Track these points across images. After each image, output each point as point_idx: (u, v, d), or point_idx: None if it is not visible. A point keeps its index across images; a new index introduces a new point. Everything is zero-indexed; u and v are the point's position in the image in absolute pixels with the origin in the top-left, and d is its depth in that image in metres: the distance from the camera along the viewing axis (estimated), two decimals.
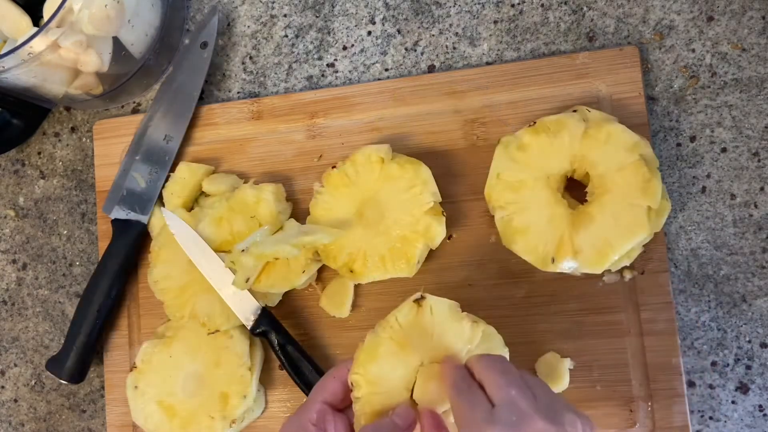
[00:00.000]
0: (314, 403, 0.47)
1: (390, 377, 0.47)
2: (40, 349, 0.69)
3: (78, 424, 0.67)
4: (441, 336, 0.47)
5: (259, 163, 0.64)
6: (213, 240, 0.60)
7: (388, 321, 0.48)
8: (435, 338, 0.47)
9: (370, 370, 0.47)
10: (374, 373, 0.47)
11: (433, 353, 0.47)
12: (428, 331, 0.47)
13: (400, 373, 0.47)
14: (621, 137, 0.53)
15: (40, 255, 0.70)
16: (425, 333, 0.47)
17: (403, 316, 0.48)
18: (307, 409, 0.47)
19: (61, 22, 0.54)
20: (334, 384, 0.48)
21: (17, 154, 0.72)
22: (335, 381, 0.48)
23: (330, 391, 0.48)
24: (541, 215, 0.54)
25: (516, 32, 0.62)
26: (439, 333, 0.47)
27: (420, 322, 0.48)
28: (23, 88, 0.60)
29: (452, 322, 0.48)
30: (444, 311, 0.48)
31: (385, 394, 0.47)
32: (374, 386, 0.47)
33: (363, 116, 0.62)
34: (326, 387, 0.48)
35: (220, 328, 0.59)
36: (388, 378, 0.47)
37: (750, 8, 0.58)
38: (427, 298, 0.48)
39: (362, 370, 0.47)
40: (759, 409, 0.56)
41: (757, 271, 0.56)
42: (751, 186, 0.57)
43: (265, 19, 0.67)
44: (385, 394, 0.47)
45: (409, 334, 0.47)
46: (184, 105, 0.65)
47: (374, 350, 0.47)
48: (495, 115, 0.60)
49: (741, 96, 0.57)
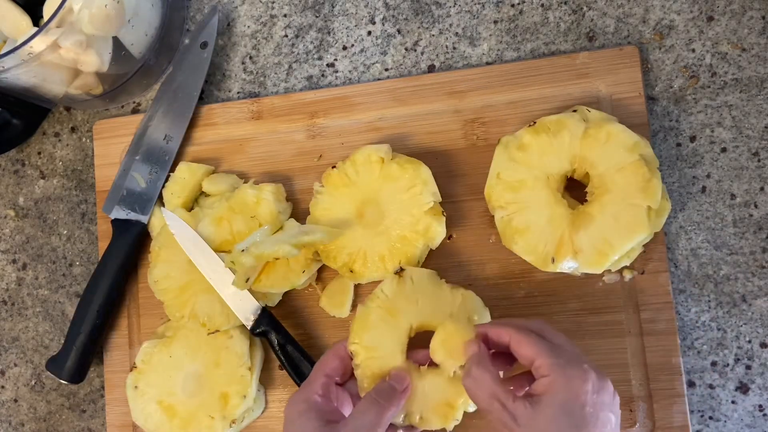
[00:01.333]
0: (318, 377, 0.51)
1: (383, 342, 0.52)
2: (40, 349, 0.69)
3: (78, 424, 0.67)
4: (424, 301, 0.53)
5: (259, 163, 0.64)
6: (213, 240, 0.60)
7: (375, 293, 0.54)
8: (419, 303, 0.53)
9: (364, 338, 0.52)
10: (369, 340, 0.52)
11: (419, 317, 0.53)
12: (412, 298, 0.53)
13: (392, 337, 0.52)
14: (621, 137, 0.53)
15: (40, 255, 0.70)
16: (410, 300, 0.53)
17: (388, 287, 0.54)
18: (312, 384, 0.51)
19: (61, 22, 0.54)
20: (334, 360, 0.52)
21: (17, 154, 0.72)
22: (334, 358, 0.52)
23: (331, 366, 0.52)
24: (541, 215, 0.54)
25: (516, 32, 0.62)
26: (423, 299, 0.53)
27: (403, 290, 0.53)
28: (23, 88, 0.60)
29: (433, 288, 0.54)
30: (423, 279, 0.54)
31: (381, 358, 0.52)
32: (371, 352, 0.52)
33: (363, 116, 0.62)
34: (327, 363, 0.52)
35: (220, 328, 0.59)
36: (381, 343, 0.52)
37: (750, 8, 0.58)
38: (406, 269, 0.54)
39: (358, 338, 0.52)
40: (759, 409, 0.56)
41: (757, 271, 0.56)
42: (751, 186, 0.57)
43: (265, 19, 0.67)
44: (381, 358, 0.52)
45: (396, 302, 0.53)
46: (184, 105, 0.65)
47: (366, 320, 0.53)
48: (495, 115, 0.60)
49: (741, 96, 0.57)
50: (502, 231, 0.55)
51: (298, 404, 0.49)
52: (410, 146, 0.61)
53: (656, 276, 0.56)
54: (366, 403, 0.48)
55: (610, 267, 0.53)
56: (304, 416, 0.49)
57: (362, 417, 0.48)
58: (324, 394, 0.50)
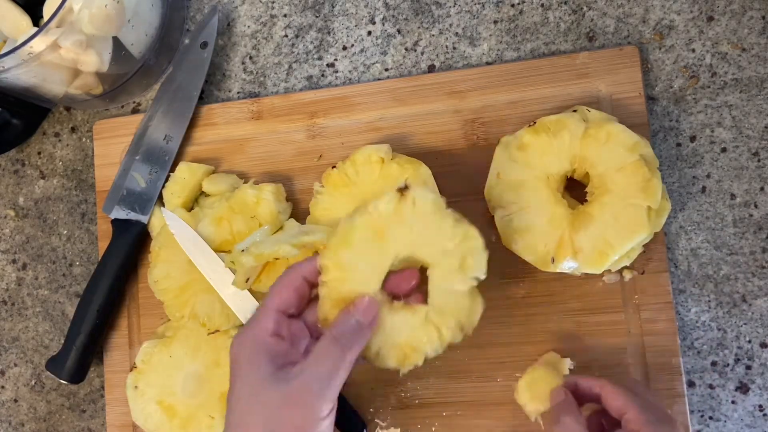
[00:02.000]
0: (268, 313, 0.44)
1: (361, 266, 0.46)
2: (40, 349, 0.69)
3: (78, 424, 0.67)
4: (420, 230, 0.46)
5: (259, 163, 0.64)
6: (213, 240, 0.60)
7: (366, 208, 0.46)
8: (414, 232, 0.46)
9: (342, 256, 0.46)
10: (346, 259, 0.46)
11: (410, 247, 0.46)
12: (408, 224, 0.46)
13: (372, 261, 0.46)
14: (621, 137, 0.52)
15: (40, 255, 0.70)
16: (405, 225, 0.46)
17: (384, 205, 0.46)
18: (261, 320, 0.44)
19: (61, 22, 0.54)
20: (287, 292, 0.45)
21: (17, 154, 0.72)
22: (288, 289, 0.46)
23: (284, 299, 0.45)
24: (541, 215, 0.54)
25: (516, 32, 0.62)
26: (420, 227, 0.46)
27: (401, 212, 0.46)
28: (23, 88, 0.60)
29: (435, 217, 0.46)
30: (428, 205, 0.46)
31: (353, 281, 0.46)
32: (344, 272, 0.45)
33: (363, 116, 0.62)
34: (280, 295, 0.45)
35: (220, 328, 0.59)
36: (359, 266, 0.46)
37: (750, 8, 0.58)
38: (411, 189, 0.46)
39: (334, 254, 0.46)
40: (759, 409, 0.56)
41: (757, 271, 0.56)
42: (751, 186, 0.57)
43: (265, 19, 0.67)
44: (353, 281, 0.46)
45: (388, 224, 0.46)
46: (184, 105, 0.65)
47: (348, 236, 0.46)
48: (495, 115, 0.60)
49: (741, 96, 0.57)
50: (502, 231, 0.55)
51: (246, 346, 0.44)
52: (410, 146, 0.61)
53: (656, 276, 0.56)
54: (326, 343, 0.43)
55: (610, 267, 0.53)
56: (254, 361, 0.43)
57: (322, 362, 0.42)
58: (276, 332, 0.44)
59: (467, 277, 0.46)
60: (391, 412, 0.59)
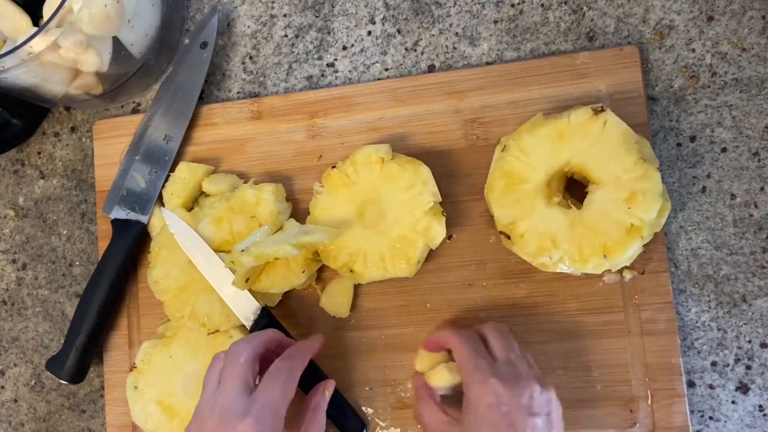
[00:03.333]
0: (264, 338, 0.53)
1: (536, 154, 0.52)
2: (40, 349, 0.69)
3: (78, 424, 0.67)
4: (600, 150, 0.50)
5: (259, 163, 0.64)
6: (213, 240, 0.60)
7: (561, 113, 0.53)
8: (594, 148, 0.51)
9: (524, 140, 0.53)
10: (526, 143, 0.53)
11: (584, 159, 0.51)
12: (591, 139, 0.51)
13: (547, 156, 0.52)
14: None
15: (40, 255, 0.70)
16: (587, 139, 0.51)
17: (576, 115, 0.52)
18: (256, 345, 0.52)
19: (61, 22, 0.54)
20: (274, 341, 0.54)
21: (17, 154, 0.72)
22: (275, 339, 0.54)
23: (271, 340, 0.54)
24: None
25: (516, 32, 0.62)
26: (601, 147, 0.50)
27: (588, 127, 0.51)
28: (23, 88, 0.60)
29: (620, 146, 0.50)
30: (617, 132, 0.50)
31: (525, 164, 0.53)
32: (521, 153, 0.53)
33: (363, 116, 0.62)
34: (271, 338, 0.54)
35: (220, 328, 0.59)
36: (533, 153, 0.53)
37: (750, 8, 0.58)
38: (606, 112, 0.51)
39: (518, 137, 0.53)
40: (759, 409, 0.56)
41: (757, 271, 0.56)
42: (751, 186, 0.57)
43: (265, 19, 0.67)
44: (526, 163, 0.53)
45: (573, 133, 0.51)
46: (184, 105, 0.65)
47: (536, 128, 0.53)
48: (495, 115, 0.60)
49: (741, 96, 0.57)
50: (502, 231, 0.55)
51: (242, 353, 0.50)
52: (410, 146, 0.61)
53: (656, 276, 0.56)
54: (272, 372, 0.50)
55: (610, 267, 0.53)
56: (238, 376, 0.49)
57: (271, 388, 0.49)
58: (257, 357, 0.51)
59: (630, 211, 0.49)
60: (391, 412, 0.59)
